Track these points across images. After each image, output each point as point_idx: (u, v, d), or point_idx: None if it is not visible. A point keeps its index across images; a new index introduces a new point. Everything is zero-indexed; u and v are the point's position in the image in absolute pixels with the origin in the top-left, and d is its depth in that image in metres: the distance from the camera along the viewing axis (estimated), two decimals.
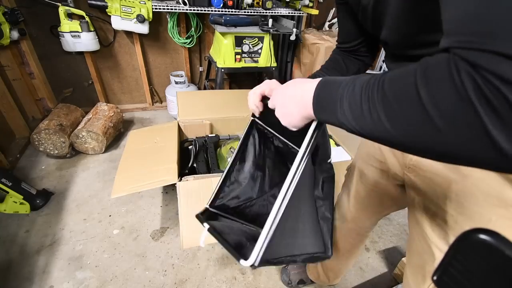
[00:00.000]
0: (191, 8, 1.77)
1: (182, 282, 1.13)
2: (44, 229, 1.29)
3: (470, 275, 0.22)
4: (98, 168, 1.68)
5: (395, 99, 0.26)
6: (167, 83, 2.26)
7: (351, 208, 0.81)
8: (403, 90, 0.26)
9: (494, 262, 0.20)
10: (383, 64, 2.97)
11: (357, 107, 0.31)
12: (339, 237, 0.91)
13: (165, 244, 1.27)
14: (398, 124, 0.26)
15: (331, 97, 0.35)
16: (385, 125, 0.27)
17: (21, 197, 1.28)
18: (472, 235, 0.21)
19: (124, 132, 2.01)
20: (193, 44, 2.15)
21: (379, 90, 0.28)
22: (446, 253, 0.23)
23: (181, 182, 1.10)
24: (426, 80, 0.24)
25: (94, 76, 2.04)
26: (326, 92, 0.36)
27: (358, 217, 0.82)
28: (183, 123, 1.52)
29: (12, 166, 1.60)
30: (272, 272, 1.20)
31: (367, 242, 1.37)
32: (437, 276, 0.24)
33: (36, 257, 1.17)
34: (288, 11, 2.06)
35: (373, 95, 0.28)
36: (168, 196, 1.52)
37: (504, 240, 0.20)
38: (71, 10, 1.69)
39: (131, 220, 1.37)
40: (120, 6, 1.71)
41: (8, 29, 1.52)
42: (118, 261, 1.18)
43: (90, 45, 1.80)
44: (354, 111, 0.31)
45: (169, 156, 1.25)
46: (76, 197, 1.47)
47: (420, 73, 0.24)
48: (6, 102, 1.64)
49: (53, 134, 1.58)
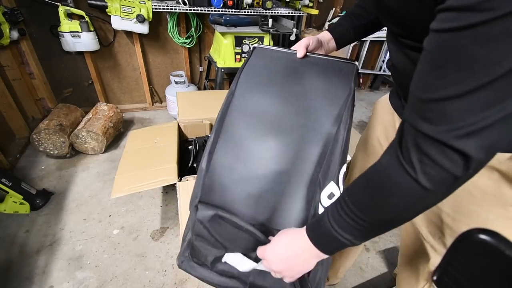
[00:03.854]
0: (191, 8, 1.77)
1: (182, 282, 1.13)
2: (44, 229, 1.29)
3: (470, 275, 0.22)
4: (98, 168, 1.68)
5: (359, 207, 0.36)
6: (167, 83, 2.26)
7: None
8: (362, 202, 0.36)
9: (494, 262, 0.20)
10: (383, 64, 2.97)
11: (349, 228, 0.37)
12: None
13: (165, 244, 1.27)
14: (372, 214, 0.35)
15: (326, 234, 0.40)
16: (365, 219, 0.35)
17: (21, 197, 1.28)
18: (472, 235, 0.21)
19: (124, 132, 2.01)
20: (193, 44, 2.15)
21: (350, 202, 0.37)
22: (446, 253, 0.23)
23: (181, 182, 1.10)
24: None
25: (94, 76, 2.04)
26: (320, 234, 0.41)
27: None
28: (183, 123, 1.52)
29: (12, 166, 1.60)
30: None
31: (367, 242, 1.37)
32: (437, 276, 0.24)
33: (36, 257, 1.17)
34: (288, 11, 2.06)
35: (351, 212, 0.36)
36: (168, 196, 1.52)
37: (504, 240, 0.20)
38: (71, 10, 1.69)
39: (131, 220, 1.37)
40: (120, 6, 1.71)
41: (8, 29, 1.52)
42: (118, 261, 1.18)
43: (90, 45, 1.80)
44: (344, 227, 0.38)
45: (169, 156, 1.25)
46: (76, 197, 1.47)
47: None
48: (6, 102, 1.64)
49: (53, 134, 1.58)
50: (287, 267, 0.44)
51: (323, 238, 0.40)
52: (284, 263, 0.44)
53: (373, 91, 3.21)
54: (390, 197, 0.32)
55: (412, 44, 0.45)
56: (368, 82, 3.23)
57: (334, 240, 0.39)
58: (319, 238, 0.41)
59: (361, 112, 2.72)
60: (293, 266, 0.44)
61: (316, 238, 0.41)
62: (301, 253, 0.43)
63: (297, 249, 0.43)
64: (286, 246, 0.44)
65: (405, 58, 0.48)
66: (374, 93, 3.18)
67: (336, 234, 0.38)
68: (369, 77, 3.17)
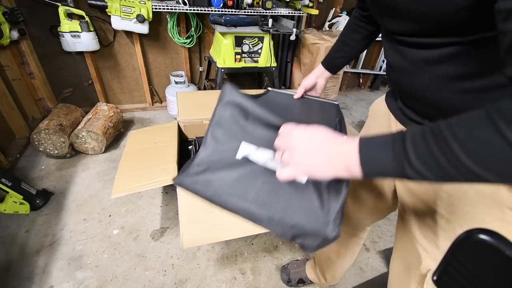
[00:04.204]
0: (191, 8, 1.77)
1: (182, 282, 1.13)
2: (44, 229, 1.29)
3: (470, 275, 0.22)
4: (98, 168, 1.68)
5: (476, 143, 0.28)
6: (167, 83, 2.26)
7: (349, 208, 0.81)
8: (482, 134, 0.28)
9: (494, 262, 0.20)
10: (383, 64, 2.97)
11: (432, 161, 0.31)
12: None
13: (165, 244, 1.27)
14: (482, 161, 0.28)
15: (388, 159, 0.34)
16: (468, 166, 0.29)
17: (21, 197, 1.28)
18: (472, 235, 0.21)
19: (124, 132, 2.01)
20: (193, 44, 2.15)
21: (452, 140, 0.29)
22: (446, 253, 0.23)
23: None
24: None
25: (94, 76, 2.04)
26: (381, 155, 0.35)
27: (354, 217, 0.81)
28: (183, 123, 1.52)
29: (12, 166, 1.60)
30: (272, 272, 1.20)
31: (367, 242, 1.37)
32: (437, 276, 0.24)
33: (36, 257, 1.17)
34: (288, 11, 2.06)
35: (448, 146, 0.29)
36: (168, 196, 1.52)
37: (504, 240, 0.20)
38: (71, 10, 1.69)
39: (131, 220, 1.37)
40: (120, 6, 1.71)
41: (8, 29, 1.52)
42: (118, 261, 1.18)
43: (90, 45, 1.80)
44: (430, 166, 0.31)
45: (169, 156, 1.25)
46: (76, 197, 1.47)
47: (498, 118, 0.27)
48: (6, 102, 1.64)
49: (53, 134, 1.58)
50: (308, 157, 0.39)
51: (378, 156, 0.34)
52: (307, 151, 0.39)
53: (373, 91, 3.21)
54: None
55: (410, 40, 0.44)
56: (368, 82, 3.23)
57: (390, 165, 0.33)
58: (371, 154, 0.35)
59: (361, 112, 2.72)
60: (314, 161, 0.39)
61: (368, 153, 0.35)
62: (334, 154, 0.37)
63: (332, 149, 0.38)
64: (322, 138, 0.39)
65: (400, 57, 0.47)
66: (374, 93, 3.18)
67: (404, 161, 0.32)
68: (369, 77, 3.17)
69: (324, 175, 0.39)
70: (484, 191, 0.42)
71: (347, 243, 0.89)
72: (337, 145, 0.38)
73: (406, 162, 0.32)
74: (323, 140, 0.39)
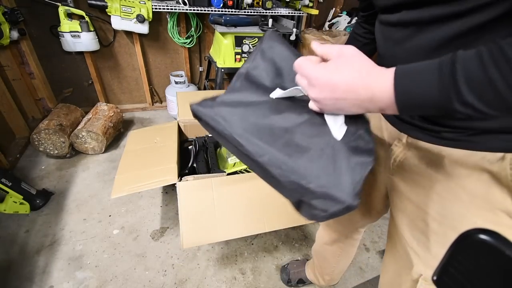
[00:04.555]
0: (191, 8, 1.77)
1: (182, 282, 1.13)
2: (44, 229, 1.29)
3: (470, 275, 0.22)
4: (98, 168, 1.68)
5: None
6: (167, 83, 2.26)
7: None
8: None
9: (494, 262, 0.20)
10: None
11: (488, 87, 0.26)
12: (329, 241, 0.91)
13: (165, 244, 1.27)
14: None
15: (431, 91, 0.29)
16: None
17: (21, 197, 1.28)
18: (472, 235, 0.21)
19: (124, 132, 2.01)
20: (193, 44, 2.15)
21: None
22: (446, 253, 0.23)
23: (181, 182, 1.10)
24: None
25: (94, 76, 2.04)
26: (420, 87, 0.29)
27: (346, 218, 0.79)
28: (183, 123, 1.52)
29: (12, 166, 1.60)
30: (272, 272, 1.20)
31: (367, 242, 1.37)
32: (437, 276, 0.24)
33: (36, 257, 1.17)
34: (288, 11, 2.06)
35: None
36: (168, 196, 1.52)
37: (504, 240, 0.20)
38: (71, 10, 1.69)
39: (131, 220, 1.37)
40: (120, 6, 1.71)
41: (8, 29, 1.52)
42: (118, 261, 1.18)
43: (90, 45, 1.80)
44: (483, 94, 0.27)
45: (169, 156, 1.25)
46: (76, 197, 1.47)
47: None
48: (6, 102, 1.64)
49: (53, 134, 1.58)
50: (334, 104, 0.35)
51: (417, 89, 0.29)
52: (330, 100, 0.35)
53: None
54: None
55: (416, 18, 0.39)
56: None
57: (432, 98, 0.28)
58: (409, 88, 0.30)
59: None
60: (341, 107, 0.35)
61: (405, 87, 0.30)
62: (364, 100, 0.33)
63: (361, 95, 0.33)
64: (352, 71, 0.33)
65: (391, 44, 0.45)
66: None
67: (451, 91, 0.27)
68: None
69: (351, 110, 0.35)
70: (476, 193, 0.41)
71: (342, 244, 0.89)
72: (366, 89, 0.32)
73: (454, 92, 0.27)
74: (348, 83, 0.33)
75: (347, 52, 0.35)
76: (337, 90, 0.34)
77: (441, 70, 0.28)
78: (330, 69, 0.35)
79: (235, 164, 1.36)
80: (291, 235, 1.36)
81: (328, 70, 0.35)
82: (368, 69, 0.33)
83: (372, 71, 0.33)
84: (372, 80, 0.32)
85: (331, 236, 0.88)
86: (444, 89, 0.28)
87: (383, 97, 0.32)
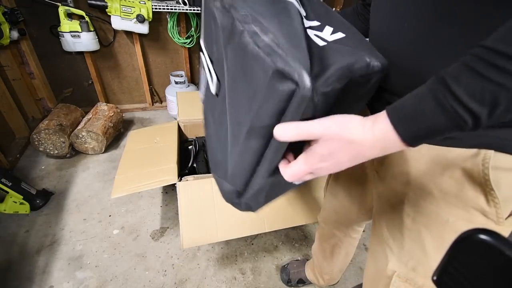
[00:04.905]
0: (191, 8, 1.77)
1: (182, 282, 1.13)
2: (44, 229, 1.29)
3: (470, 275, 0.22)
4: (98, 168, 1.68)
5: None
6: (167, 83, 2.26)
7: (338, 207, 0.78)
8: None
9: (494, 262, 0.20)
10: None
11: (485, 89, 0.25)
12: (327, 239, 0.91)
13: (165, 244, 1.27)
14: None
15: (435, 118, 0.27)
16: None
17: (21, 197, 1.28)
18: (472, 235, 0.21)
19: (124, 132, 2.01)
20: (193, 44, 2.15)
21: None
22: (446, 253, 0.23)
23: (181, 182, 1.10)
24: None
25: (94, 76, 2.04)
26: (423, 121, 0.28)
27: (343, 217, 0.79)
28: (183, 123, 1.52)
29: (12, 166, 1.60)
30: (272, 272, 1.20)
31: (367, 242, 1.37)
32: (437, 276, 0.24)
33: (36, 257, 1.17)
34: None
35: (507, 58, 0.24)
36: (168, 196, 1.52)
37: (504, 240, 0.20)
38: (71, 10, 1.69)
39: (131, 220, 1.37)
40: (120, 6, 1.71)
41: (8, 29, 1.52)
42: (118, 261, 1.18)
43: (90, 45, 1.80)
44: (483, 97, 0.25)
45: (169, 156, 1.25)
46: (76, 197, 1.47)
47: None
48: (6, 102, 1.64)
49: (53, 134, 1.58)
50: (333, 168, 0.33)
51: (418, 114, 0.27)
52: (332, 166, 0.33)
53: None
54: None
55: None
56: None
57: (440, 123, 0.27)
58: (408, 116, 0.28)
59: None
60: (340, 167, 0.33)
61: (404, 117, 0.28)
62: (364, 153, 0.31)
63: (361, 152, 0.31)
64: (340, 137, 0.31)
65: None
66: None
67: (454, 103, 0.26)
68: None
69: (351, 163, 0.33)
70: (449, 190, 0.40)
71: (340, 242, 0.89)
72: (364, 147, 0.30)
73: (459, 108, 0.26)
74: (340, 139, 0.31)
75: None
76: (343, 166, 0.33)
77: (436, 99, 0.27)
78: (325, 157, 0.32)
79: None
80: (291, 235, 1.36)
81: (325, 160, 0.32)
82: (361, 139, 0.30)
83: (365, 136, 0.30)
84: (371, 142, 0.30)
85: (329, 234, 0.89)
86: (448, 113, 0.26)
87: (392, 146, 0.30)
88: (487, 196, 0.38)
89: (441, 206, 0.42)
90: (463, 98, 0.25)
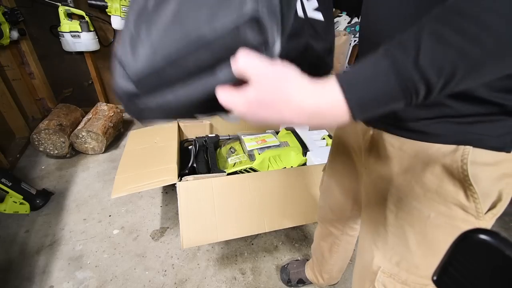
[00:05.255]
0: None
1: (182, 282, 1.13)
2: (44, 229, 1.29)
3: (470, 275, 0.22)
4: (98, 168, 1.68)
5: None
6: None
7: (333, 203, 0.79)
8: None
9: (494, 262, 0.20)
10: None
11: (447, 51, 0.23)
12: (325, 238, 0.91)
13: (165, 244, 1.27)
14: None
15: (388, 88, 0.25)
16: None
17: (21, 197, 1.28)
18: (472, 235, 0.21)
19: (124, 132, 2.01)
20: None
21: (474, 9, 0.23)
22: (446, 253, 0.23)
23: (181, 182, 1.10)
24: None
25: (94, 76, 2.04)
26: (375, 91, 0.26)
27: (339, 214, 0.79)
28: (183, 123, 1.52)
29: (12, 166, 1.60)
30: (272, 272, 1.20)
31: None
32: (437, 276, 0.24)
33: (36, 257, 1.17)
34: None
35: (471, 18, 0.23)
36: (168, 196, 1.52)
37: (504, 240, 0.20)
38: (71, 10, 1.69)
39: (131, 220, 1.37)
40: (120, 6, 1.71)
41: (8, 29, 1.52)
42: (118, 261, 1.18)
43: (90, 45, 1.80)
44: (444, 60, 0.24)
45: (169, 156, 1.26)
46: (76, 197, 1.47)
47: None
48: (6, 102, 1.64)
49: (53, 134, 1.58)
50: (271, 116, 0.29)
51: (370, 78, 0.26)
52: (271, 112, 0.29)
53: None
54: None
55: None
56: None
57: (389, 83, 0.25)
58: (360, 79, 0.26)
59: None
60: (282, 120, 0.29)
61: (355, 80, 0.26)
62: (311, 114, 0.28)
63: (297, 93, 0.27)
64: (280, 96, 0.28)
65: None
66: None
67: (413, 70, 0.24)
68: None
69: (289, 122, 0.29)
70: (429, 186, 0.41)
71: (338, 240, 0.89)
72: (311, 105, 0.27)
73: (417, 76, 0.24)
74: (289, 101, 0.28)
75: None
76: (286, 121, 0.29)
77: (392, 58, 0.25)
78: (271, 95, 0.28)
79: (235, 164, 1.36)
80: (291, 235, 1.36)
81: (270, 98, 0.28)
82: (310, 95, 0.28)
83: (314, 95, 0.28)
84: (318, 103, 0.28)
85: (327, 233, 0.89)
86: (397, 66, 0.25)
87: (338, 113, 0.27)
88: (466, 191, 0.38)
89: (423, 202, 0.42)
90: (423, 65, 0.24)
